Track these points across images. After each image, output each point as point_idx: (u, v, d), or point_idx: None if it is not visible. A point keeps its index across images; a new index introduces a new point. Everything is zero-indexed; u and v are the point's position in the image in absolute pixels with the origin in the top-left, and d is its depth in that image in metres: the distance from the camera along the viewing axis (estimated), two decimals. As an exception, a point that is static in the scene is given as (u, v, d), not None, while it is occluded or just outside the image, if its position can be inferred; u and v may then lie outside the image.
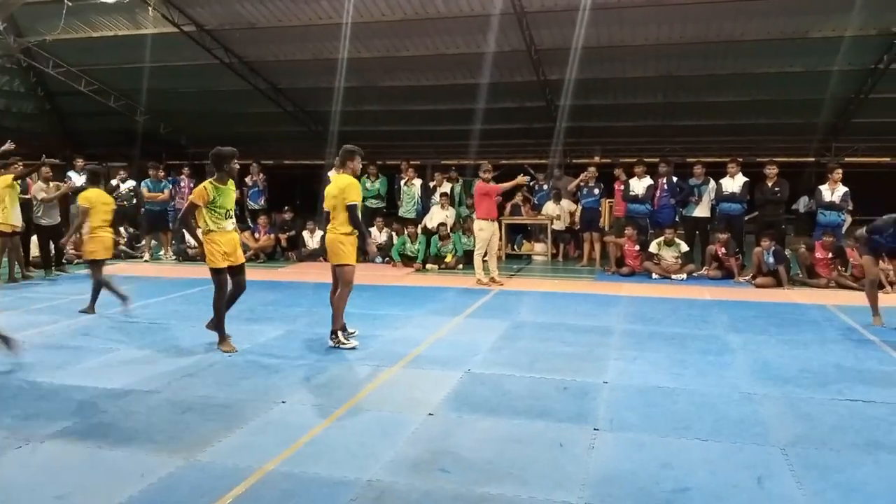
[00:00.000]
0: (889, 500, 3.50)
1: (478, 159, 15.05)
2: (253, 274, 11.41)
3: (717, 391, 5.22)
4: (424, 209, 13.45)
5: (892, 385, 5.43)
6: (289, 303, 8.73)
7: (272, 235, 13.40)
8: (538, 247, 13.74)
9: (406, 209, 13.52)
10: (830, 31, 11.86)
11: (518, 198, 14.04)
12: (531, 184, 14.27)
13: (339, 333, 6.48)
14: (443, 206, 12.89)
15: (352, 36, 13.04)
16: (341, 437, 4.31)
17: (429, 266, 12.05)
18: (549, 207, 13.48)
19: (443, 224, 12.29)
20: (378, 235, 13.09)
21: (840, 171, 10.44)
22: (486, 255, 10.30)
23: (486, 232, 10.15)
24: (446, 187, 13.39)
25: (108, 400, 4.99)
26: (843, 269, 9.98)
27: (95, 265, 7.91)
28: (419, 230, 12.65)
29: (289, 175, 20.33)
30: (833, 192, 10.26)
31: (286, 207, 14.13)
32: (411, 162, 14.29)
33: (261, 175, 14.19)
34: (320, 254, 13.16)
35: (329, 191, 6.52)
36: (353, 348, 6.40)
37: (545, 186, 14.13)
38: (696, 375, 5.64)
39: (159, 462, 3.91)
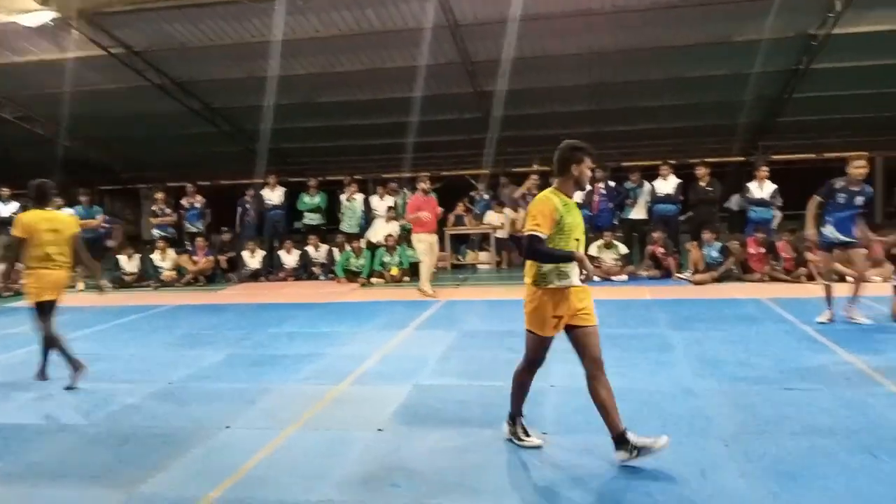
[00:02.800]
0: (824, 481, 3.63)
1: (417, 171, 15.09)
2: (192, 297, 11.33)
3: (660, 388, 5.33)
4: (367, 223, 13.40)
5: (826, 373, 5.63)
6: (230, 325, 8.55)
7: (211, 257, 13.13)
8: (482, 256, 13.83)
9: (349, 224, 13.44)
10: (753, 35, 12.31)
11: (460, 208, 14.12)
12: (472, 194, 14.37)
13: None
14: (388, 220, 12.88)
15: (285, 53, 12.92)
16: (288, 459, 4.23)
17: (374, 280, 11.99)
18: (492, 216, 13.59)
19: (390, 235, 12.28)
20: (315, 252, 12.99)
21: (766, 168, 10.84)
22: (431, 266, 10.32)
23: (427, 244, 10.17)
24: (390, 201, 13.39)
25: (42, 436, 4.79)
26: (776, 263, 10.33)
27: (39, 311, 5.83)
28: (363, 245, 12.58)
29: (228, 195, 20.00)
30: (762, 189, 10.63)
31: (224, 228, 13.88)
32: (352, 177, 14.22)
33: (198, 196, 13.91)
34: (262, 273, 12.98)
35: None
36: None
37: (485, 196, 14.24)
38: (640, 374, 5.74)
39: (99, 498, 3.77)
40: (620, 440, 3.93)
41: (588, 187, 11.52)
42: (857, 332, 7.00)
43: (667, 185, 11.33)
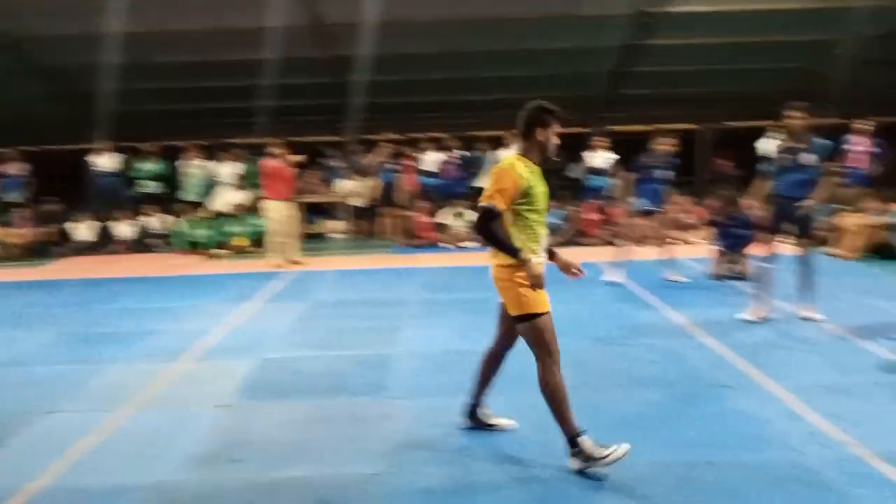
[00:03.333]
0: (647, 429, 3.95)
1: (267, 137, 14.58)
2: (14, 274, 10.39)
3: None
4: (210, 191, 12.78)
5: (650, 329, 6.10)
6: (58, 303, 7.92)
7: (35, 229, 12.06)
8: (336, 224, 13.68)
9: (190, 192, 12.77)
10: (596, 10, 12.88)
11: (314, 177, 13.83)
12: (326, 161, 14.12)
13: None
14: (235, 187, 12.37)
15: (120, 8, 11.92)
16: (122, 442, 4.01)
17: (219, 251, 11.52)
18: (346, 184, 13.45)
19: (238, 203, 11.82)
20: (153, 223, 12.30)
21: (603, 139, 11.45)
22: (282, 236, 10.06)
23: (279, 213, 9.90)
24: (237, 167, 12.85)
25: None
26: (609, 228, 10.96)
27: None
28: (205, 214, 12.04)
29: (58, 162, 18.38)
30: (599, 158, 11.22)
31: (49, 198, 12.77)
32: (194, 142, 13.50)
33: (20, 164, 12.67)
34: (95, 247, 12.11)
35: None
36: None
37: (337, 164, 14.05)
38: (486, 337, 5.82)
39: None
40: (472, 410, 4.04)
41: (441, 156, 11.84)
42: (678, 290, 7.60)
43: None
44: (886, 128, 12.76)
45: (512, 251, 3.47)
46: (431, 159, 12.02)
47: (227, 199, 12.22)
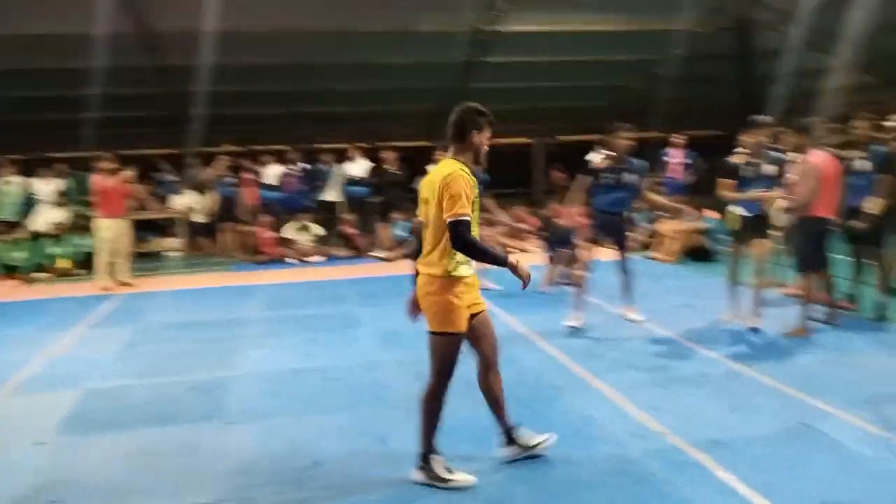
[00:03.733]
0: (486, 432, 4.05)
1: (94, 150, 13.62)
2: None
3: (346, 364, 5.52)
4: (28, 210, 11.71)
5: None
6: None
7: None
8: (171, 242, 13.00)
9: (5, 211, 11.65)
10: (433, 27, 13.18)
11: (143, 192, 13.04)
12: (157, 176, 13.40)
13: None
14: (57, 205, 11.41)
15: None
16: (-86, 492, 3.58)
17: (38, 275, 10.57)
18: (182, 199, 12.82)
19: (59, 223, 10.90)
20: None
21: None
22: (111, 256, 9.40)
23: (110, 231, 9.26)
24: (58, 183, 11.87)
25: None
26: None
27: None
28: (21, 235, 11.01)
29: None
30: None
31: None
32: (8, 157, 12.34)
33: None
34: None
35: None
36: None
37: (171, 178, 13.39)
38: (327, 353, 5.88)
39: None
40: (509, 437, 3.74)
41: (282, 168, 11.60)
42: (515, 297, 7.83)
43: (357, 167, 11.71)
44: (699, 140, 14.06)
45: (500, 259, 3.43)
46: (273, 172, 11.73)
47: (47, 217, 11.25)
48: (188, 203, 12.73)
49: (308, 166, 11.98)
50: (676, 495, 3.31)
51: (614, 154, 6.41)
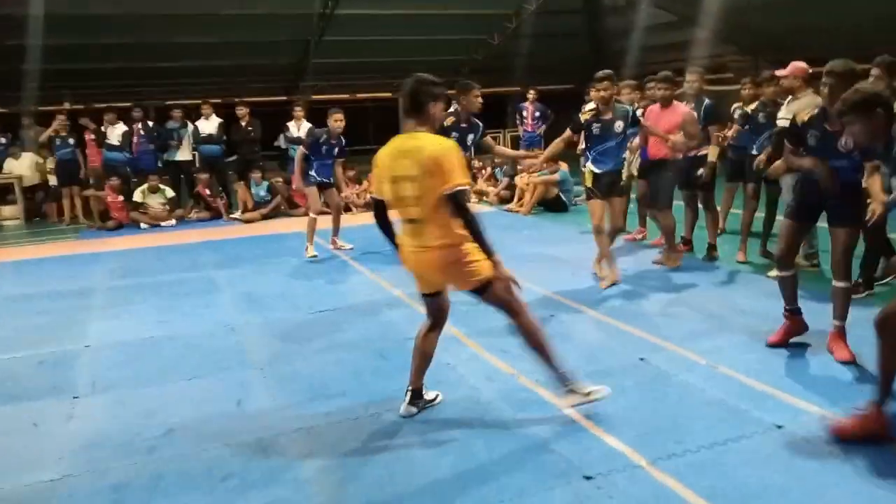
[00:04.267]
0: (342, 386, 4.14)
1: None
2: None
3: (203, 330, 5.38)
4: None
5: (352, 292, 6.35)
6: None
7: None
8: (7, 210, 11.99)
9: None
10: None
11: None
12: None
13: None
14: None
15: None
16: None
17: None
18: (16, 163, 11.80)
19: None
20: None
21: (300, 108, 11.46)
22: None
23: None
24: None
25: None
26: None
27: None
28: None
29: None
30: (299, 128, 11.21)
31: None
32: None
33: None
34: None
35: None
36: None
37: (3, 140, 12.27)
38: (183, 319, 5.70)
39: None
40: (417, 395, 3.76)
41: (126, 128, 10.90)
42: (378, 255, 7.91)
43: (209, 125, 11.20)
44: (555, 94, 14.55)
45: (489, 247, 3.34)
46: (118, 132, 11.00)
47: None
48: (25, 167, 11.75)
49: (152, 124, 11.33)
50: (524, 429, 3.52)
51: (460, 112, 6.29)
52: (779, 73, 5.88)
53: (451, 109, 6.42)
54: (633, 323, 5.07)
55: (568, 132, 6.17)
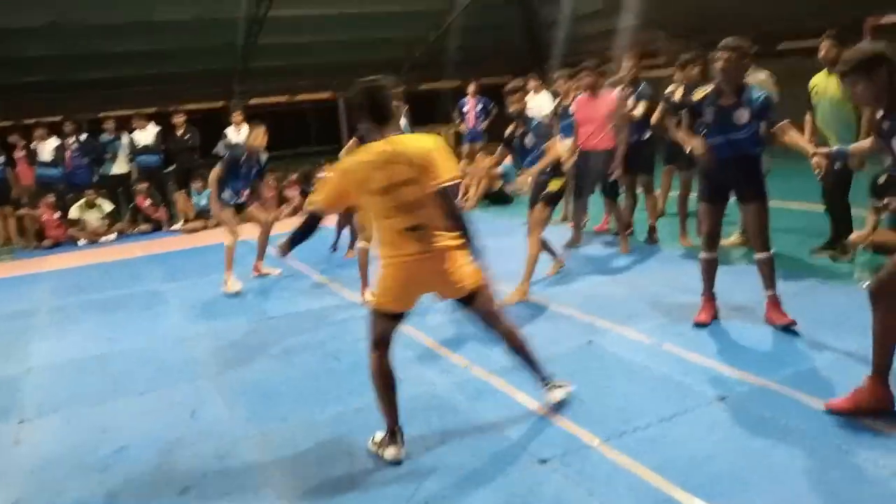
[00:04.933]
0: (294, 391, 4.15)
1: None
2: None
3: (152, 344, 5.30)
4: None
5: (303, 297, 6.32)
6: None
7: None
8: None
9: None
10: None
11: None
12: None
13: None
14: None
15: None
16: None
17: None
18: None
19: None
20: None
21: (239, 113, 11.30)
22: None
23: None
24: None
25: None
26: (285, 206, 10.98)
27: None
28: None
29: None
30: (239, 133, 11.05)
31: None
32: None
33: None
34: None
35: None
36: None
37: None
38: (131, 335, 5.60)
39: None
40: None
41: (58, 142, 10.58)
42: (322, 260, 7.93)
43: (146, 135, 10.97)
44: (492, 87, 14.63)
45: (480, 251, 3.31)
46: (49, 147, 10.68)
47: None
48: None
49: (88, 138, 11.03)
50: (480, 418, 3.60)
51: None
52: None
53: None
54: (579, 307, 5.20)
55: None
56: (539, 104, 10.15)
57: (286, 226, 9.36)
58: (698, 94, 4.46)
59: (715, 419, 3.38)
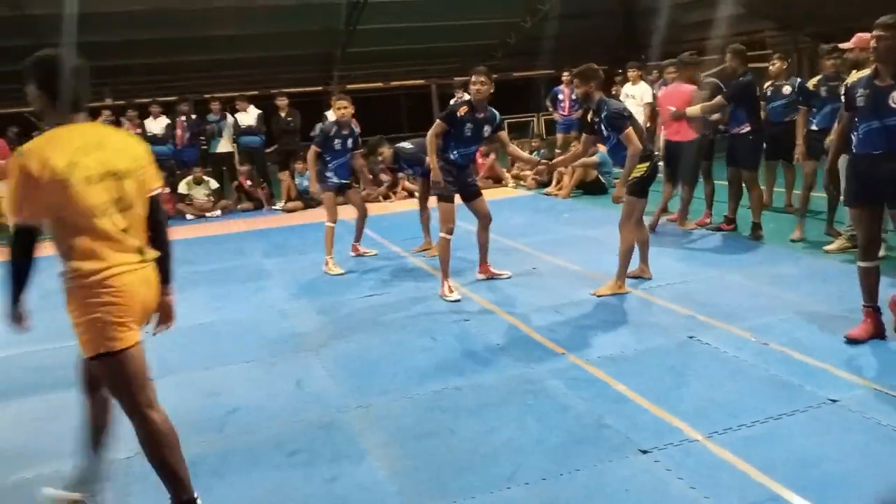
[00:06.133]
0: (393, 367, 4.26)
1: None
2: None
3: (256, 316, 5.54)
4: None
5: (398, 277, 6.45)
6: None
7: None
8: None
9: None
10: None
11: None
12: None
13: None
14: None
15: None
16: None
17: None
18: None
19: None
20: None
21: (338, 97, 11.53)
22: None
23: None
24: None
25: None
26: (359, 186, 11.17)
27: None
28: None
29: None
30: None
31: None
32: None
33: None
34: None
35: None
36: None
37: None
38: (236, 306, 5.87)
39: None
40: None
41: (168, 121, 11.13)
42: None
43: (248, 116, 11.38)
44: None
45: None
46: (160, 126, 11.25)
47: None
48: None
49: (197, 118, 11.55)
50: (576, 405, 3.60)
51: (474, 101, 5.60)
52: (843, 45, 5.69)
53: (465, 98, 6.04)
54: (678, 301, 5.09)
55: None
56: (640, 93, 9.98)
57: (382, 208, 9.70)
58: (852, 78, 4.21)
59: (826, 421, 3.26)
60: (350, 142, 6.95)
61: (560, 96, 11.94)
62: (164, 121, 11.31)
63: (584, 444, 3.21)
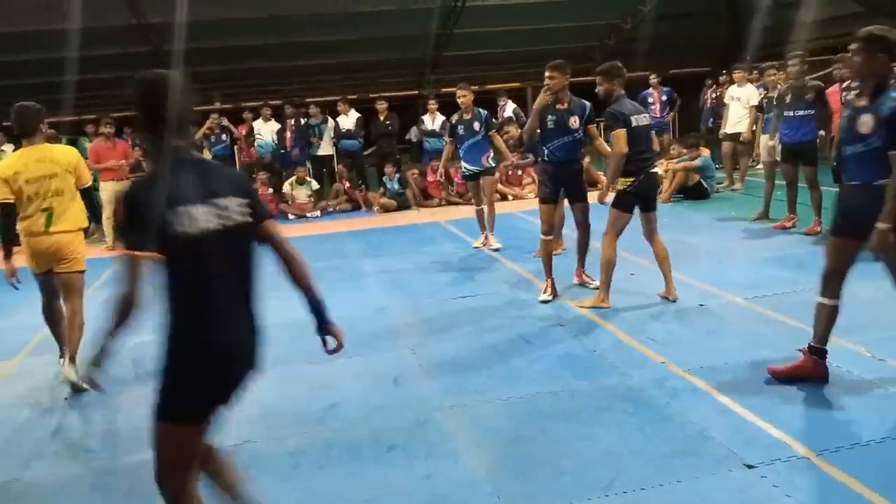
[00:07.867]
0: (488, 369, 4.27)
1: (81, 115, 13.58)
2: None
3: (354, 313, 5.66)
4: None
5: (493, 280, 6.47)
6: None
7: None
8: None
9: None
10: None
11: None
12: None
13: None
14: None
15: None
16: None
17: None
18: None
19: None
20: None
21: (434, 101, 11.70)
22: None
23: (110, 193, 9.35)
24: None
25: None
26: (451, 188, 11.30)
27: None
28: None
29: None
30: (433, 121, 11.47)
31: None
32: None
33: None
34: None
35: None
36: None
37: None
38: (335, 302, 5.90)
39: None
40: None
41: (278, 125, 11.59)
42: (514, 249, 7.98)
43: (348, 120, 11.69)
44: (683, 77, 13.99)
45: None
46: (269, 128, 11.76)
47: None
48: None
49: (303, 121, 11.98)
50: (678, 415, 3.51)
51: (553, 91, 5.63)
52: None
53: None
54: (784, 312, 4.88)
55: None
56: (746, 95, 9.64)
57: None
58: None
59: (953, 444, 3.06)
60: (476, 124, 7.48)
61: (650, 99, 11.69)
62: (273, 125, 11.82)
63: (686, 456, 3.13)
